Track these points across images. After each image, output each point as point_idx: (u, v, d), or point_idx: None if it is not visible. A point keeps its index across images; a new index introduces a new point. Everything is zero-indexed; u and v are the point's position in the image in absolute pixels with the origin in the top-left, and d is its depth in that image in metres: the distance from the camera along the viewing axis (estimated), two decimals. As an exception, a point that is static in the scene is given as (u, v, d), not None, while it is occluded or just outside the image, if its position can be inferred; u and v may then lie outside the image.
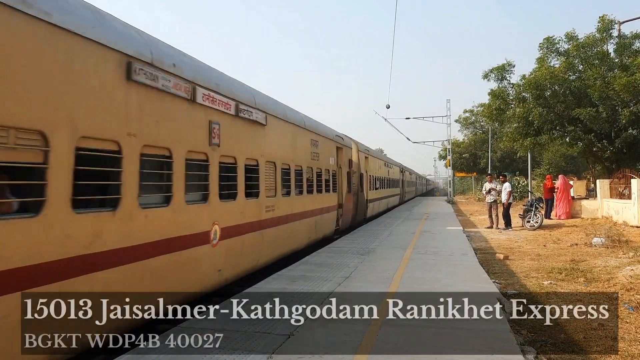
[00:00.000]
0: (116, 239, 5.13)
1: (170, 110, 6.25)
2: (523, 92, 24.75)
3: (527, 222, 18.54)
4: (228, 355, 4.63)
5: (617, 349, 5.58)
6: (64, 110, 4.52)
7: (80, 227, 4.65)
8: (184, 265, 6.47)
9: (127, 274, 5.31)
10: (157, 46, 6.26)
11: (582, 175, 33.37)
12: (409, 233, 15.40)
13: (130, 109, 5.47)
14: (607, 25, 23.24)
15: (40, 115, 4.24)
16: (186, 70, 6.64)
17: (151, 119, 5.86)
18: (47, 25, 4.29)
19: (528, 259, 11.65)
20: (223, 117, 7.58)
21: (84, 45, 4.77)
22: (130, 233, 5.36)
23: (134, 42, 5.65)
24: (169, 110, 6.23)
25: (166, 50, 6.50)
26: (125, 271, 5.28)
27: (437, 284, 7.75)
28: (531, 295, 8.04)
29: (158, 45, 6.33)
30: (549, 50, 24.73)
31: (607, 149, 23.48)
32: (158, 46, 6.29)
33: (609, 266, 10.27)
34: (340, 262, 9.90)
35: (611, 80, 21.06)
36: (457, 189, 73.68)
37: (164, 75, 6.03)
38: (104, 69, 5.11)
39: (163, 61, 6.11)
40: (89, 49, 4.85)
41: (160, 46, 6.39)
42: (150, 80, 5.73)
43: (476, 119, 58.74)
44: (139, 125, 5.58)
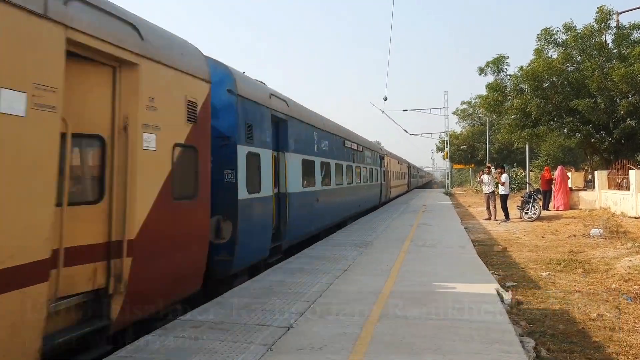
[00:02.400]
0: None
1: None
2: (521, 84, 24.73)
3: (525, 213, 18.56)
4: (228, 346, 4.63)
5: (615, 339, 5.60)
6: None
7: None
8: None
9: None
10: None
11: (580, 166, 33.39)
12: (407, 225, 15.40)
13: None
14: (605, 16, 23.17)
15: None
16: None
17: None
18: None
19: (526, 251, 11.67)
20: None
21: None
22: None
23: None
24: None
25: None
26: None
27: (436, 276, 7.76)
28: (530, 287, 8.05)
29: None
30: (546, 41, 24.67)
31: (605, 140, 23.47)
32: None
33: (607, 257, 10.29)
34: (338, 254, 9.90)
35: (609, 71, 21.02)
36: (454, 181, 73.78)
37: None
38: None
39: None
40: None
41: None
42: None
43: (474, 110, 58.71)
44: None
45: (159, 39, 5.52)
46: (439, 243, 11.34)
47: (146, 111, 5.05)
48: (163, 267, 5.43)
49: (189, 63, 5.98)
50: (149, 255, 5.14)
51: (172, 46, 5.81)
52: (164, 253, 5.45)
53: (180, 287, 5.93)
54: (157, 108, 5.21)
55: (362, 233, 13.52)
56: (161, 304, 5.52)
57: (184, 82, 5.83)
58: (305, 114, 11.99)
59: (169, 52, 5.61)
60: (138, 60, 4.96)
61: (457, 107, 63.28)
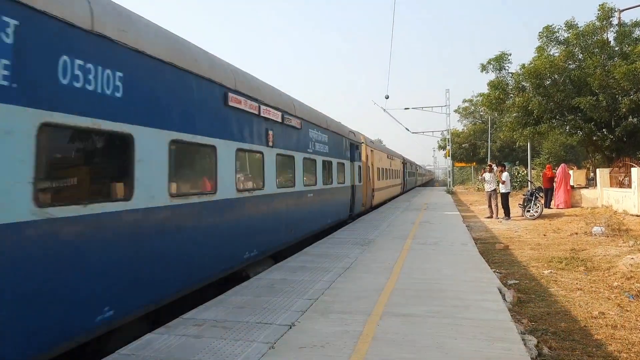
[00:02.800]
0: None
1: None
2: (522, 82, 24.68)
3: (527, 211, 18.56)
4: (230, 345, 4.64)
5: (617, 337, 5.60)
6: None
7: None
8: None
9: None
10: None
11: (582, 164, 33.35)
12: (409, 223, 15.40)
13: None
14: (607, 13, 23.11)
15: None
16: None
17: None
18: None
19: (528, 249, 11.67)
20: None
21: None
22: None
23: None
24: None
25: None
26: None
27: (438, 274, 7.76)
28: (531, 285, 8.05)
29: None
30: (548, 39, 24.64)
31: (607, 137, 23.44)
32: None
33: (609, 255, 10.28)
34: (341, 252, 9.91)
35: (611, 69, 20.99)
36: (456, 179, 73.71)
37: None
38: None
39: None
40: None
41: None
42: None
43: (475, 108, 58.65)
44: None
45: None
46: (441, 241, 11.34)
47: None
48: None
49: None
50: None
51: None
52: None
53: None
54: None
55: (364, 231, 13.52)
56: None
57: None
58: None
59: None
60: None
61: (458, 105, 63.29)
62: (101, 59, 4.62)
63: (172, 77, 5.88)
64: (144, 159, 5.18)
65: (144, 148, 5.19)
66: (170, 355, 4.41)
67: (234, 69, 7.97)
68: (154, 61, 5.48)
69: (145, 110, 5.31)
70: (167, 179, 5.61)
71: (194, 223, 6.28)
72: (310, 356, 4.38)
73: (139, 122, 5.16)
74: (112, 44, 4.79)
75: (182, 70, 6.05)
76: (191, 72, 6.27)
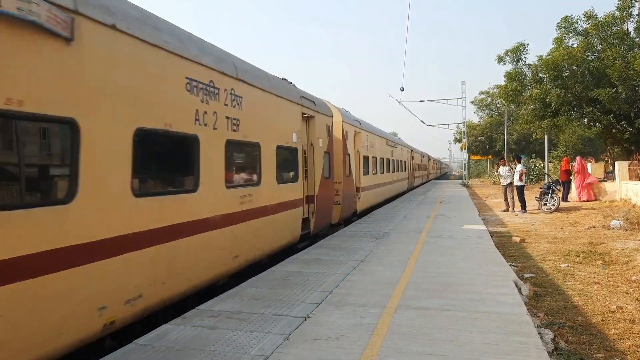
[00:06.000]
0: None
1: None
2: (540, 73, 24.36)
3: (544, 204, 18.36)
4: (245, 336, 4.67)
5: (635, 331, 5.53)
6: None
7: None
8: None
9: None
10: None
11: (600, 157, 32.88)
12: (424, 217, 15.34)
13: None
14: (627, 4, 22.68)
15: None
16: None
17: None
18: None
19: (545, 242, 11.55)
20: None
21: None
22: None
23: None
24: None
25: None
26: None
27: (453, 267, 7.73)
28: (548, 278, 7.98)
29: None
30: (567, 30, 24.25)
31: (626, 130, 23.07)
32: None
33: (627, 249, 10.14)
34: (355, 245, 9.91)
35: (631, 60, 20.61)
36: (472, 172, 73.12)
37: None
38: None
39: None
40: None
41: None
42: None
43: (492, 100, 58.03)
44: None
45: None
46: (456, 234, 11.28)
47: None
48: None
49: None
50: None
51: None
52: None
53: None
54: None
55: (379, 224, 13.50)
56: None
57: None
58: None
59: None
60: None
61: (475, 97, 62.63)
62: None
63: None
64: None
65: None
66: (186, 346, 4.46)
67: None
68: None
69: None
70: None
71: None
72: (325, 348, 4.40)
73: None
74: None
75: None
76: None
